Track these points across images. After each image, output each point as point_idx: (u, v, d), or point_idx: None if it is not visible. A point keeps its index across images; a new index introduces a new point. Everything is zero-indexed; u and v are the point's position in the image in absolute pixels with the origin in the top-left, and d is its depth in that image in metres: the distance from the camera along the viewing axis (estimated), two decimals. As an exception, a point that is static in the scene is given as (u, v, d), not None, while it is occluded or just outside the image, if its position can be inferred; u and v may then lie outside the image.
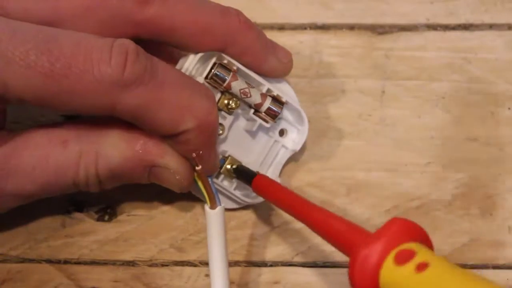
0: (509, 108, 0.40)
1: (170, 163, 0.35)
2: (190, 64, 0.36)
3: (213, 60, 0.36)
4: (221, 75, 0.36)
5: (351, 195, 0.39)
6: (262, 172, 0.38)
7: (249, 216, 0.39)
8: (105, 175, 0.35)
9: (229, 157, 0.37)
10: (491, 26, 0.41)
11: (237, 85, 0.36)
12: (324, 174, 0.39)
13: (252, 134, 0.38)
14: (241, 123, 0.38)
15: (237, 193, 0.38)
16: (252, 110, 0.37)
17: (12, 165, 0.34)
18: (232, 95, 0.37)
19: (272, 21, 0.42)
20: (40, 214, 0.39)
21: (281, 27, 0.42)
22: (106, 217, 0.39)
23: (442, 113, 0.40)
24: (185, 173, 0.35)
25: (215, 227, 0.34)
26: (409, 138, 0.40)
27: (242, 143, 0.38)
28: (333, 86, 0.41)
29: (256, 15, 0.41)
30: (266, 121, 0.37)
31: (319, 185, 0.39)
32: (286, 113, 0.39)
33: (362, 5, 0.42)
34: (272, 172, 0.39)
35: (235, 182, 0.38)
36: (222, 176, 0.38)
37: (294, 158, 0.39)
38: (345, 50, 0.41)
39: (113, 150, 0.34)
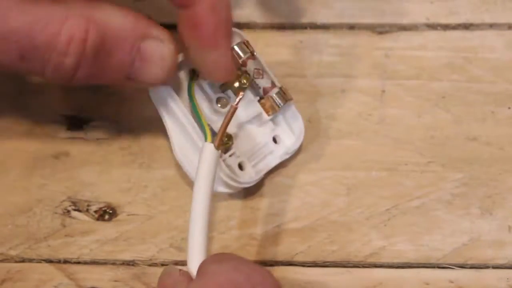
0: (509, 108, 0.40)
1: (162, 34, 0.33)
2: None
3: (238, 39, 0.37)
4: (240, 51, 0.37)
5: (351, 195, 0.39)
6: (248, 165, 0.38)
7: (249, 215, 0.39)
8: (92, 46, 0.31)
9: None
10: (491, 26, 0.41)
11: (252, 64, 0.37)
12: (324, 174, 0.39)
13: (250, 129, 0.39)
14: (244, 113, 0.38)
15: (241, 173, 0.38)
16: (257, 98, 0.38)
17: None
18: (244, 73, 0.37)
19: (272, 21, 0.42)
20: (40, 214, 0.39)
21: (281, 27, 0.42)
22: (106, 217, 0.39)
23: (442, 113, 0.40)
24: (174, 51, 0.34)
25: (212, 165, 0.34)
26: (409, 137, 0.40)
27: (240, 131, 0.38)
28: (333, 85, 0.41)
29: (256, 15, 0.41)
30: (268, 112, 0.38)
31: (319, 185, 0.39)
32: (285, 122, 0.39)
33: (362, 4, 0.42)
34: (255, 170, 0.38)
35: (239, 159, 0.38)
36: (228, 154, 0.38)
37: (294, 157, 0.39)
38: (345, 50, 0.41)
39: (107, 17, 0.32)
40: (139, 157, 0.40)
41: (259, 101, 0.38)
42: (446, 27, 0.41)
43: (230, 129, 0.38)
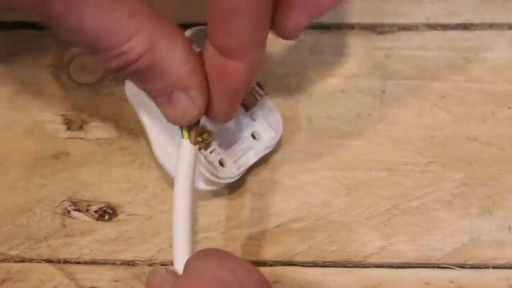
0: (509, 108, 0.40)
1: (199, 97, 0.34)
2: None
3: None
4: None
5: (351, 195, 0.39)
6: (229, 161, 0.38)
7: (248, 215, 0.39)
8: (137, 68, 0.33)
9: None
10: (491, 26, 0.41)
11: None
12: (324, 173, 0.39)
13: (229, 125, 0.39)
14: None
15: (222, 169, 0.38)
16: None
17: None
18: None
19: (272, 20, 0.42)
20: (40, 214, 0.39)
21: (281, 27, 0.41)
22: (106, 217, 0.39)
23: (442, 113, 0.40)
24: (197, 115, 0.34)
25: (191, 162, 0.34)
26: (409, 137, 0.40)
27: (220, 127, 0.38)
28: (333, 85, 0.41)
29: (256, 15, 0.41)
30: (246, 108, 0.38)
31: (319, 185, 0.39)
32: (263, 117, 0.39)
33: (362, 4, 0.42)
34: (236, 166, 0.38)
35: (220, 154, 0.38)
36: (209, 150, 0.38)
37: (294, 157, 0.39)
38: (345, 50, 0.41)
39: (168, 53, 0.33)
40: (139, 157, 0.40)
41: None
42: (446, 27, 0.41)
43: (210, 126, 0.38)
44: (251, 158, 0.39)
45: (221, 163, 0.38)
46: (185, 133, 0.35)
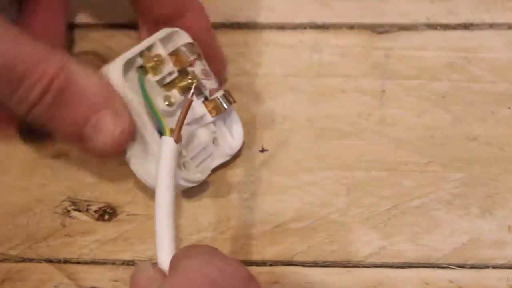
0: (509, 108, 0.40)
1: (123, 109, 0.35)
2: (157, 36, 0.37)
3: (188, 40, 0.37)
4: (188, 51, 0.37)
5: (351, 195, 0.39)
6: (192, 165, 0.38)
7: (248, 215, 0.39)
8: (55, 89, 0.33)
9: None
10: (491, 26, 0.41)
11: (200, 65, 0.37)
12: (324, 173, 0.39)
13: (193, 130, 0.38)
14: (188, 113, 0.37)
15: (186, 173, 0.37)
16: (202, 99, 0.38)
17: None
18: (189, 75, 0.37)
19: (272, 21, 0.42)
20: (40, 214, 0.39)
21: (281, 27, 0.42)
22: (106, 217, 0.39)
23: (442, 113, 0.40)
24: (129, 128, 0.35)
25: (174, 160, 0.34)
26: (409, 137, 0.40)
27: (184, 131, 0.37)
28: (333, 85, 0.41)
29: (256, 15, 0.41)
30: (212, 114, 0.38)
31: (319, 185, 0.39)
32: (224, 124, 0.39)
33: (362, 4, 0.42)
34: (199, 170, 0.38)
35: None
36: None
37: (294, 157, 0.39)
38: (345, 50, 0.41)
39: (80, 73, 0.34)
40: (139, 157, 0.40)
41: (203, 102, 0.38)
42: (446, 27, 0.41)
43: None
44: (212, 163, 0.39)
45: (184, 166, 0.38)
46: (168, 130, 0.34)
